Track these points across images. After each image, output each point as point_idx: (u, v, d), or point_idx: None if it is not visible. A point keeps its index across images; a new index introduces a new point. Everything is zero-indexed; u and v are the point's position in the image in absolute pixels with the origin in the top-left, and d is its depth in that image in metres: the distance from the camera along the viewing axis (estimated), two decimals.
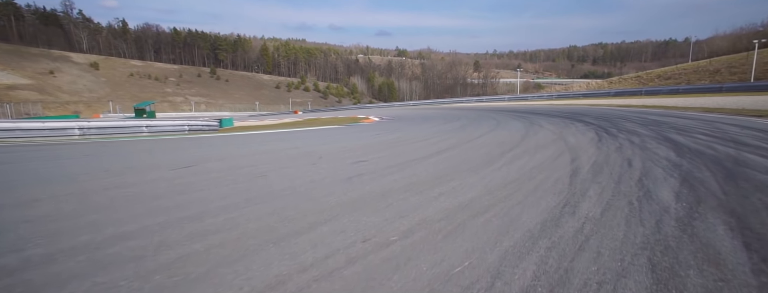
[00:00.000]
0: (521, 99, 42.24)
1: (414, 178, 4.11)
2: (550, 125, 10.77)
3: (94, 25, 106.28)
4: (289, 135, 11.97)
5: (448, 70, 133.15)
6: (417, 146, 7.15)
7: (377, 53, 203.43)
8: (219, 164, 5.45)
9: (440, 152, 6.12)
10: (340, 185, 3.78)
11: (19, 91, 75.65)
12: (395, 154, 6.05)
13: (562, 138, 7.52)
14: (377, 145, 7.49)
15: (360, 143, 8.08)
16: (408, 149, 6.63)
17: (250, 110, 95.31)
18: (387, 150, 6.57)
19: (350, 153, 6.33)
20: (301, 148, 7.38)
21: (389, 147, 7.01)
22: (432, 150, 6.38)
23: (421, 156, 5.73)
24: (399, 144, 7.51)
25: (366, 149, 6.84)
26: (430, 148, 6.68)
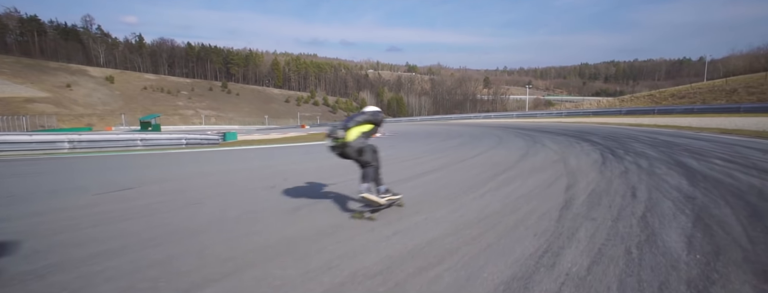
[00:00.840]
0: (530, 116, 41.47)
1: None
2: (554, 145, 10.10)
3: (111, 40, 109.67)
4: (278, 151, 11.52)
5: (458, 86, 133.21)
6: (402, 166, 6.58)
7: (387, 68, 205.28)
8: (163, 186, 4.92)
9: (424, 174, 5.54)
10: (281, 218, 3.22)
11: (36, 104, 77.64)
12: None
13: (563, 160, 6.87)
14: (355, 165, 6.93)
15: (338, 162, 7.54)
16: (389, 170, 6.05)
17: (259, 123, 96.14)
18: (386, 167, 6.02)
19: (322, 173, 5.79)
20: (275, 166, 6.87)
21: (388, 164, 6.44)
22: (416, 171, 5.81)
23: (400, 179, 5.15)
24: (383, 164, 6.94)
25: (343, 169, 6.29)
26: (415, 169, 6.11)
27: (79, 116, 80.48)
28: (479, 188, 4.40)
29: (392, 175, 5.53)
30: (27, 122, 59.02)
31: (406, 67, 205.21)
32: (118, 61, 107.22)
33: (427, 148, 10.75)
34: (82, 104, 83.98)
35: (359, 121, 3.43)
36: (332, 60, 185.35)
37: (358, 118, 3.46)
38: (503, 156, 7.75)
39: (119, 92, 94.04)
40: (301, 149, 12.35)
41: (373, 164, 3.42)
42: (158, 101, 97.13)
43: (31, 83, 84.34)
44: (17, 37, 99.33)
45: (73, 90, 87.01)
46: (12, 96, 76.59)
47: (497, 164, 6.54)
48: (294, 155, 9.99)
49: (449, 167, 6.23)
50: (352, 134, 3.36)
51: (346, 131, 3.33)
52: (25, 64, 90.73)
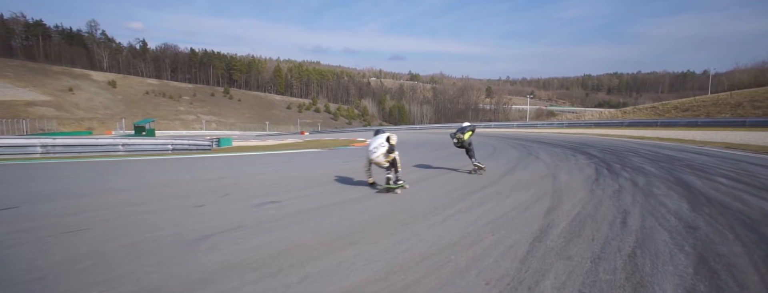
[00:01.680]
0: (530, 126, 40.84)
1: (303, 238, 2.90)
2: (548, 157, 9.48)
3: (115, 45, 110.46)
4: (260, 158, 10.93)
5: (460, 95, 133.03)
6: None
7: (390, 77, 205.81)
8: (54, 206, 4.08)
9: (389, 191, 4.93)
10: (174, 253, 2.57)
11: (37, 107, 77.80)
12: (326, 192, 4.86)
13: (552, 175, 6.25)
14: (321, 177, 6.32)
15: (305, 173, 6.94)
16: (350, 186, 5.45)
17: (260, 129, 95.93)
18: (324, 186, 5.39)
19: (272, 188, 5.17)
20: (232, 177, 6.26)
21: (331, 182, 5.82)
22: None
23: (355, 197, 4.54)
24: (350, 176, 6.34)
25: (302, 183, 5.69)
26: None
27: (80, 119, 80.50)
28: (445, 210, 3.78)
29: (348, 192, 4.92)
30: (27, 125, 58.97)
31: (409, 75, 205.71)
32: (121, 66, 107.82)
33: (410, 158, 10.13)
34: (84, 108, 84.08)
35: (466, 129, 6.77)
36: (335, 67, 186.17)
37: (466, 128, 6.78)
38: (489, 169, 7.13)
39: (121, 97, 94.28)
40: (284, 157, 11.77)
41: (472, 149, 6.74)
42: (160, 106, 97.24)
43: (33, 87, 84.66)
44: (22, 42, 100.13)
45: (75, 94, 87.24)
46: (14, 99, 76.79)
47: (479, 178, 5.92)
48: (270, 163, 9.39)
49: (423, 182, 5.61)
50: (466, 136, 6.69)
51: (463, 134, 6.68)
52: (29, 68, 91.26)
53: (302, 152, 14.12)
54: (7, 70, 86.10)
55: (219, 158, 12.02)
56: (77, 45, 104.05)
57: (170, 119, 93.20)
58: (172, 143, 17.24)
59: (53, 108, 79.27)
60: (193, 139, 25.80)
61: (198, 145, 20.57)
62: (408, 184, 5.14)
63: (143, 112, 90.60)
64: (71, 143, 12.50)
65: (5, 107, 71.52)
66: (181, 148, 17.90)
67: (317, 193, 4.78)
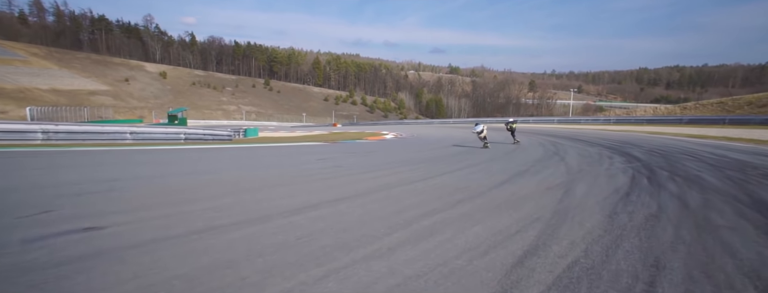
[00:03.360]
0: (573, 122, 37.45)
1: None
2: (576, 158, 7.73)
3: (167, 38, 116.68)
4: (251, 152, 10.06)
5: (501, 89, 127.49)
6: (341, 181, 4.71)
7: (429, 70, 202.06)
8: None
9: (335, 202, 3.65)
10: None
11: (98, 96, 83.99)
12: (272, 197, 3.70)
13: (566, 185, 4.68)
14: (291, 178, 5.18)
15: (277, 172, 5.83)
16: (314, 187, 4.25)
17: (297, 120, 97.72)
18: (283, 187, 4.24)
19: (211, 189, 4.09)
20: (121, 180, 5.28)
21: (294, 182, 4.65)
22: (338, 194, 3.93)
23: (293, 208, 3.31)
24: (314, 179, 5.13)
25: (262, 183, 4.57)
26: (344, 188, 4.23)
27: (133, 108, 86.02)
28: (369, 244, 2.47)
29: (304, 197, 3.71)
30: (87, 112, 63.72)
31: (449, 68, 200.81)
32: (172, 58, 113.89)
33: (413, 156, 8.77)
34: (137, 97, 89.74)
35: (511, 121, 12.88)
36: (374, 60, 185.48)
37: (512, 121, 12.90)
38: (489, 174, 5.65)
39: (170, 87, 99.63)
40: (280, 149, 10.84)
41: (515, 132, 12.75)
42: (204, 96, 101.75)
43: (95, 77, 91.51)
44: (89, 35, 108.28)
45: (130, 84, 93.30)
46: (79, 89, 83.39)
47: (464, 188, 4.49)
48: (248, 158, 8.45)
49: (390, 190, 4.28)
50: (514, 124, 12.77)
51: (513, 123, 12.73)
52: (93, 60, 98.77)
53: (303, 145, 13.15)
54: (74, 62, 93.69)
55: (214, 149, 11.33)
56: (134, 38, 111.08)
57: (213, 109, 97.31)
58: (185, 133, 16.97)
59: (111, 97, 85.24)
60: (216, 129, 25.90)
61: (215, 135, 20.35)
62: None
63: (189, 101, 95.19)
64: (75, 130, 12.33)
65: (71, 96, 77.82)
66: (194, 138, 17.64)
67: (260, 198, 3.62)
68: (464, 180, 4.96)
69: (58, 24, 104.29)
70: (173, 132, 16.54)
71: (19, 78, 76.06)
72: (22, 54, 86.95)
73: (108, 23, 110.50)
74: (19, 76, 76.81)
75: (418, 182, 4.73)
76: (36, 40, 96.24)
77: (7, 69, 77.44)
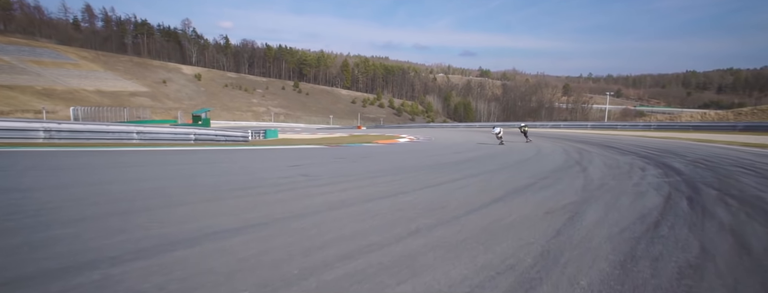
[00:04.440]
0: (608, 127, 34.83)
1: None
2: (601, 169, 6.50)
3: (203, 41, 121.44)
4: (253, 154, 9.47)
5: (533, 93, 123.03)
6: (297, 194, 3.90)
7: (459, 73, 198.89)
8: None
9: (236, 231, 2.81)
10: None
11: (137, 97, 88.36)
12: None
13: (578, 207, 3.60)
14: (228, 191, 4.40)
15: (222, 181, 5.08)
16: (225, 208, 3.45)
17: (324, 122, 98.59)
18: (197, 204, 3.47)
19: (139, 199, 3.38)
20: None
21: (219, 198, 3.86)
22: (238, 221, 3.12)
23: (148, 247, 2.51)
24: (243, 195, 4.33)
25: (178, 198, 3.82)
26: (289, 205, 3.41)
27: (168, 109, 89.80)
28: None
29: (206, 221, 2.90)
30: (127, 113, 67.07)
31: (479, 71, 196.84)
32: (207, 61, 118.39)
33: (410, 163, 7.82)
34: (173, 99, 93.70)
35: (523, 125, 18.09)
36: (403, 63, 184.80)
37: (524, 126, 17.73)
38: (483, 188, 4.64)
39: (204, 89, 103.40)
40: (284, 152, 10.21)
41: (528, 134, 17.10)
42: (235, 98, 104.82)
43: (136, 79, 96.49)
44: (133, 39, 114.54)
45: (167, 86, 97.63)
46: (121, 90, 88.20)
47: (438, 209, 3.48)
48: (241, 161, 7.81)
49: (334, 211, 3.34)
50: (526, 128, 17.39)
51: (525, 127, 17.44)
52: (135, 63, 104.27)
53: (301, 148, 12.48)
54: (118, 65, 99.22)
55: (202, 152, 10.88)
56: (173, 41, 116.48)
57: (243, 110, 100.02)
58: (195, 133, 16.79)
59: (149, 98, 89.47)
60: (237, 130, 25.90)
61: (228, 136, 20.17)
62: None
63: (220, 103, 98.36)
64: (78, 129, 12.23)
65: (114, 97, 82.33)
66: (205, 139, 17.44)
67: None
68: (446, 197, 3.96)
69: (106, 29, 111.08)
70: (182, 133, 16.38)
71: (69, 80, 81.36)
72: (73, 58, 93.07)
73: (150, 27, 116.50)
74: (70, 78, 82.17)
75: (385, 198, 3.78)
76: (86, 45, 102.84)
77: (60, 72, 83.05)
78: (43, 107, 55.19)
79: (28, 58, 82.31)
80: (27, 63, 79.90)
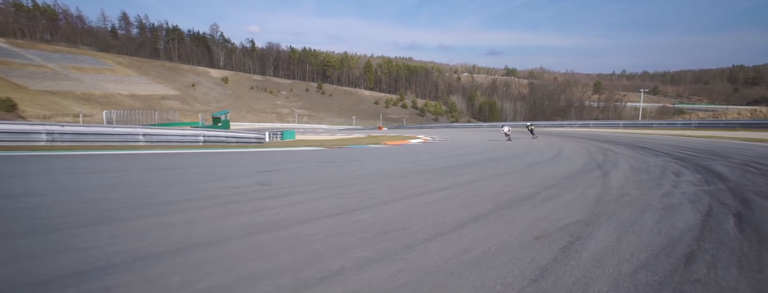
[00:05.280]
0: (643, 126, 32.47)
1: None
2: (625, 174, 5.51)
3: (230, 45, 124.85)
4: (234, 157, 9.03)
5: (561, 91, 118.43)
6: (180, 217, 3.28)
7: (484, 72, 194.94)
8: None
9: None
10: None
11: (168, 100, 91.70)
12: None
13: (582, 229, 2.76)
14: (146, 205, 3.82)
15: (160, 192, 4.52)
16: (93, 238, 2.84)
17: (347, 123, 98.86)
18: (87, 228, 2.90)
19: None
20: None
21: (122, 218, 3.29)
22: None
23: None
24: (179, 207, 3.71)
25: (72, 219, 3.26)
26: (144, 238, 2.78)
27: (197, 111, 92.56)
28: None
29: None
30: (157, 115, 69.65)
31: (505, 70, 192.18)
32: (234, 64, 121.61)
33: (402, 167, 7.07)
34: (201, 101, 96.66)
35: (529, 124, 19.98)
36: (427, 63, 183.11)
37: (531, 125, 19.82)
38: (470, 200, 3.84)
39: (231, 91, 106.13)
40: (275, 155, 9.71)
41: (534, 132, 19.00)
42: (261, 100, 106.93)
43: (167, 83, 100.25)
44: (165, 44, 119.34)
45: (196, 89, 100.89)
46: (153, 94, 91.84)
47: (396, 231, 2.75)
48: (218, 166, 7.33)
49: (232, 243, 2.68)
50: (532, 127, 19.27)
51: (531, 126, 19.42)
52: (166, 67, 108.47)
53: (299, 150, 11.95)
54: (151, 69, 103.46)
55: (196, 154, 10.55)
56: (202, 46, 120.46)
57: (268, 112, 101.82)
58: (204, 135, 16.63)
59: (178, 101, 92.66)
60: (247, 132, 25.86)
61: (239, 138, 20.00)
62: None
63: (246, 105, 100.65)
64: (82, 132, 12.17)
65: (145, 100, 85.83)
66: (215, 140, 17.27)
67: None
68: (415, 213, 3.18)
69: (141, 35, 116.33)
70: (191, 135, 16.22)
71: (106, 85, 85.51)
72: (110, 63, 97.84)
73: (180, 33, 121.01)
74: (106, 83, 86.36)
75: (335, 216, 3.01)
76: (122, 51, 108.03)
77: (98, 77, 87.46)
78: (80, 110, 57.98)
79: (70, 64, 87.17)
80: (69, 70, 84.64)
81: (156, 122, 65.25)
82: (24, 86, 67.13)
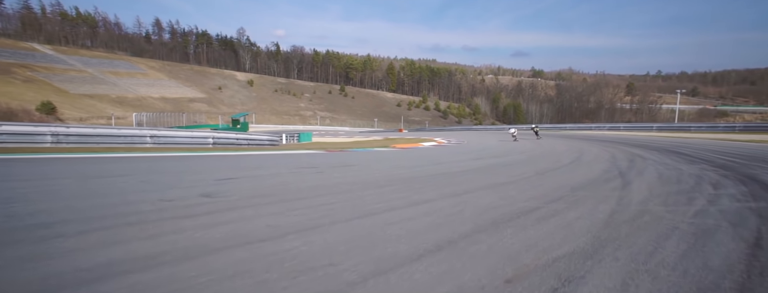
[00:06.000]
0: (679, 129, 30.21)
1: None
2: (651, 185, 4.67)
3: (256, 49, 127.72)
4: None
5: (591, 93, 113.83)
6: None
7: (509, 74, 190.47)
8: None
9: None
10: None
11: (196, 103, 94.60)
12: None
13: (575, 267, 2.06)
14: None
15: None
16: None
17: (368, 126, 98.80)
18: None
19: None
20: None
21: None
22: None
23: None
24: None
25: None
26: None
27: (223, 114, 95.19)
28: None
29: None
30: (185, 118, 71.99)
31: (531, 72, 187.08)
32: (259, 67, 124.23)
33: (391, 173, 6.44)
34: (227, 104, 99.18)
35: (534, 126, 23.80)
36: (451, 65, 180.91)
37: (535, 127, 23.02)
38: (437, 221, 3.18)
39: (255, 94, 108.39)
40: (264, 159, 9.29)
41: (539, 134, 21.77)
42: (284, 103, 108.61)
43: (195, 86, 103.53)
44: (194, 49, 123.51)
45: (222, 92, 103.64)
46: (181, 96, 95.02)
47: (317, 270, 2.13)
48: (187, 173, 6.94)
49: None
50: (537, 129, 22.24)
51: (535, 128, 22.43)
52: (195, 71, 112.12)
53: (295, 153, 11.50)
54: (180, 73, 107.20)
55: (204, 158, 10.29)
56: (229, 50, 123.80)
57: (291, 114, 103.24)
58: (213, 137, 16.52)
59: (205, 104, 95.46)
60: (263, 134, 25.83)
61: (251, 140, 19.88)
62: None
63: (270, 107, 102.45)
64: (87, 133, 12.16)
65: (174, 103, 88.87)
66: (225, 143, 17.16)
67: None
68: (361, 239, 2.54)
69: (172, 40, 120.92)
70: (200, 137, 16.11)
71: (139, 88, 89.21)
72: (143, 68, 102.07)
73: (209, 37, 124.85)
74: (139, 87, 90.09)
75: (253, 244, 2.36)
76: (155, 55, 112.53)
77: (132, 81, 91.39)
78: (112, 113, 60.53)
79: (107, 69, 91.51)
80: (106, 74, 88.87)
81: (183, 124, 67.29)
82: (65, 89, 70.88)
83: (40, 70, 75.44)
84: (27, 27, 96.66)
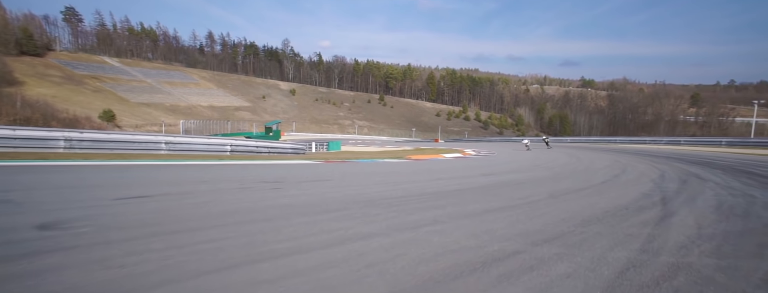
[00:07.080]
0: (756, 145, 26.22)
1: None
2: (701, 217, 3.35)
3: (299, 59, 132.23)
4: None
5: (648, 104, 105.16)
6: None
7: (556, 83, 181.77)
8: None
9: None
10: None
11: (241, 111, 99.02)
12: None
13: None
14: None
15: None
16: None
17: (406, 135, 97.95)
18: None
19: None
20: None
21: None
22: None
23: None
24: None
25: None
26: None
27: (265, 122, 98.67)
28: None
29: None
30: (230, 125, 75.46)
31: (581, 81, 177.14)
32: (301, 77, 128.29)
33: (382, 190, 5.48)
34: (270, 112, 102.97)
35: (545, 137, 28.67)
36: (494, 74, 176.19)
37: (546, 138, 27.85)
38: (404, 264, 2.19)
39: (297, 103, 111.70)
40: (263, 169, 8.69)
41: (550, 145, 25.96)
42: (324, 112, 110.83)
43: (241, 95, 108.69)
44: (242, 60, 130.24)
45: (266, 100, 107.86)
46: (228, 105, 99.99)
47: None
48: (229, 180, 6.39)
49: None
50: (548, 140, 27.16)
51: (546, 139, 27.34)
52: (242, 81, 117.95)
53: (297, 163, 10.80)
54: (228, 83, 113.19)
55: (254, 166, 9.93)
56: (274, 60, 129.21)
57: (330, 123, 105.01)
58: (232, 145, 16.25)
59: (250, 112, 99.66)
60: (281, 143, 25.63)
61: (272, 148, 19.53)
62: None
63: (310, 116, 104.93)
64: (100, 138, 12.14)
65: (221, 111, 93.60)
66: (243, 151, 16.85)
67: None
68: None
69: (223, 51, 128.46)
70: (217, 144, 15.83)
71: (190, 98, 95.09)
72: (195, 78, 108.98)
73: (256, 48, 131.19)
74: (191, 96, 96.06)
75: None
76: (207, 66, 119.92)
77: (185, 90, 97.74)
78: (163, 120, 64.59)
79: (164, 79, 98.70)
80: (162, 84, 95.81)
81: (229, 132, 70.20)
82: (126, 98, 77.06)
83: (107, 81, 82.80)
84: (101, 42, 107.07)
